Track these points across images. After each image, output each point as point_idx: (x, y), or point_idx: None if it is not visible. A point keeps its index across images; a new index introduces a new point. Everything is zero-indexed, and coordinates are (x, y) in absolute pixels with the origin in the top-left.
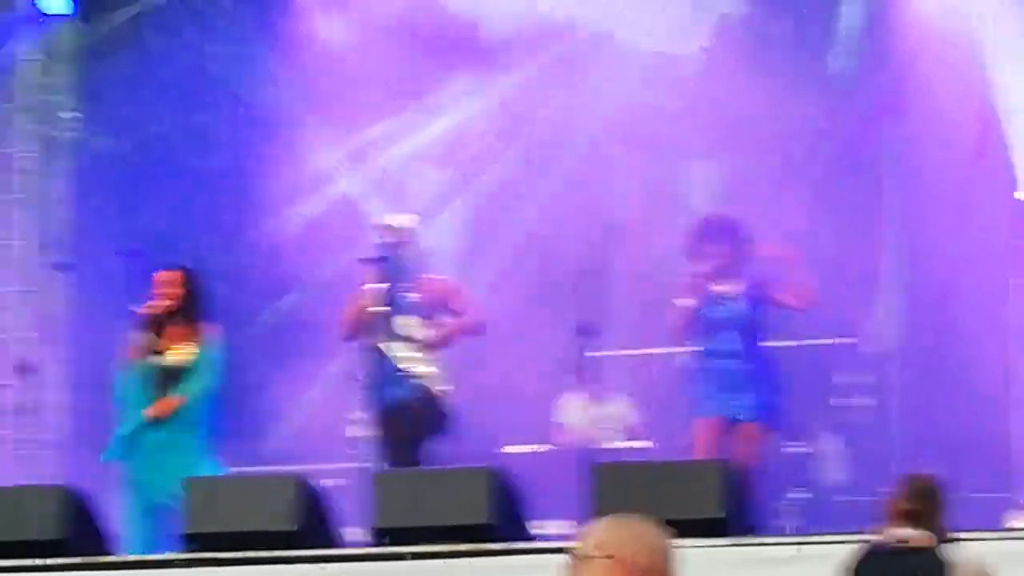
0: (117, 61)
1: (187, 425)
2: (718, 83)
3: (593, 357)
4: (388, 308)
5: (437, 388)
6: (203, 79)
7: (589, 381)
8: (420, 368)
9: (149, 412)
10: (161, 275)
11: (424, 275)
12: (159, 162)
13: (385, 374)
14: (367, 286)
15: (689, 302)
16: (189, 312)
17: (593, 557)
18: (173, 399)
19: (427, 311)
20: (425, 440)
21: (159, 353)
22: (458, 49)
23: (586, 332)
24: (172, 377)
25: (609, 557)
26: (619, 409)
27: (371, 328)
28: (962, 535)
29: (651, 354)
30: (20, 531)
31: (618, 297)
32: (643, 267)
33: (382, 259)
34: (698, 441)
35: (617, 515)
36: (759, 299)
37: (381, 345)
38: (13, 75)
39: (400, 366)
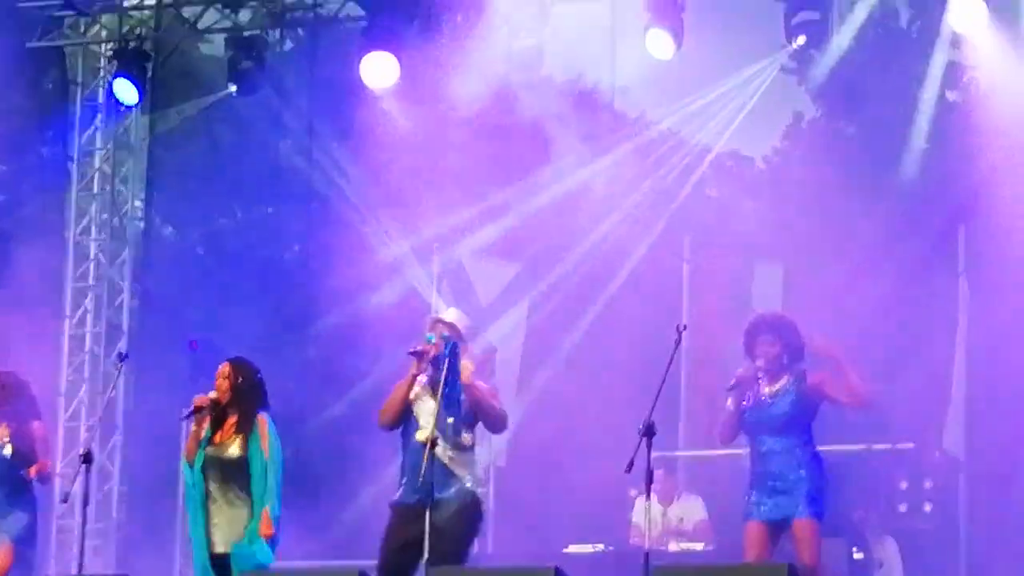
0: (186, 152)
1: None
2: (790, 182)
3: (663, 457)
4: (435, 404)
5: (479, 490)
6: (273, 172)
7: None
8: (463, 470)
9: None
10: (220, 368)
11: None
12: (227, 254)
13: (428, 471)
14: (415, 377)
15: (729, 403)
16: (242, 403)
17: None
18: (268, 520)
19: (470, 413)
20: (465, 542)
21: (214, 444)
22: (529, 145)
23: (650, 432)
24: (228, 468)
25: None
26: (686, 508)
27: (413, 421)
28: None
29: (716, 455)
30: None
31: (686, 397)
32: (711, 367)
33: (431, 354)
34: (747, 544)
35: None
36: (808, 397)
37: (422, 439)
38: (87, 163)
39: (446, 465)
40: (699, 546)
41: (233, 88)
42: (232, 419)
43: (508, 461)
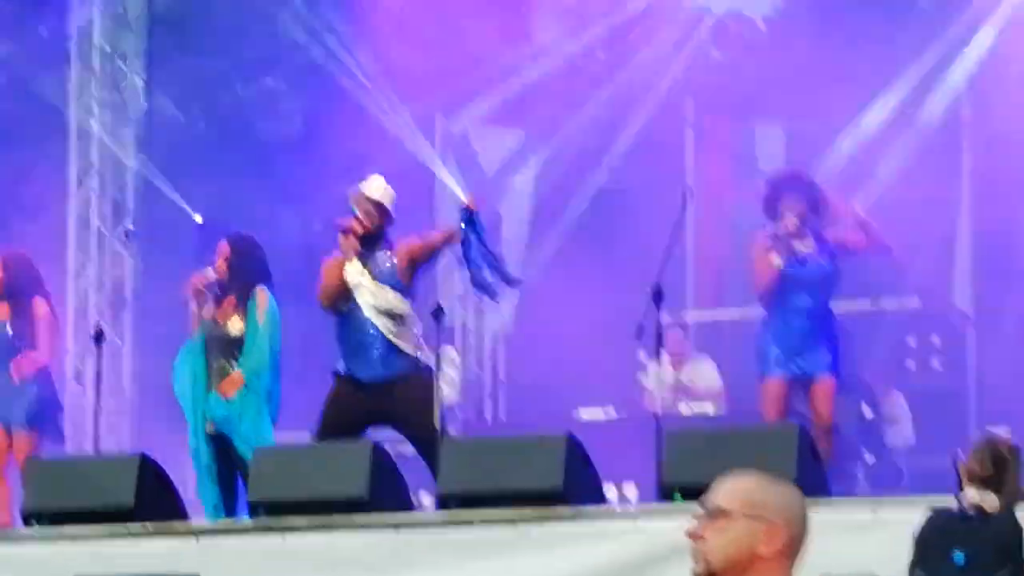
0: (185, 28)
1: (249, 397)
2: (790, 44)
3: (676, 320)
4: (368, 278)
5: (423, 362)
6: (273, 46)
7: (664, 345)
8: (403, 342)
9: (219, 389)
10: (219, 246)
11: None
12: (228, 129)
13: (367, 347)
14: (344, 254)
15: (776, 261)
16: (238, 281)
17: (747, 516)
18: (235, 379)
19: (403, 281)
20: (419, 417)
21: (215, 322)
22: (527, 11)
23: (659, 297)
24: (227, 345)
25: (764, 519)
26: (697, 372)
27: (349, 298)
28: None
29: (725, 317)
30: (97, 498)
31: (693, 261)
32: (716, 228)
33: (361, 228)
34: (767, 400)
35: (767, 477)
36: (835, 254)
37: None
38: (85, 41)
39: (392, 341)
40: (711, 408)
41: None
42: (231, 296)
43: (516, 328)
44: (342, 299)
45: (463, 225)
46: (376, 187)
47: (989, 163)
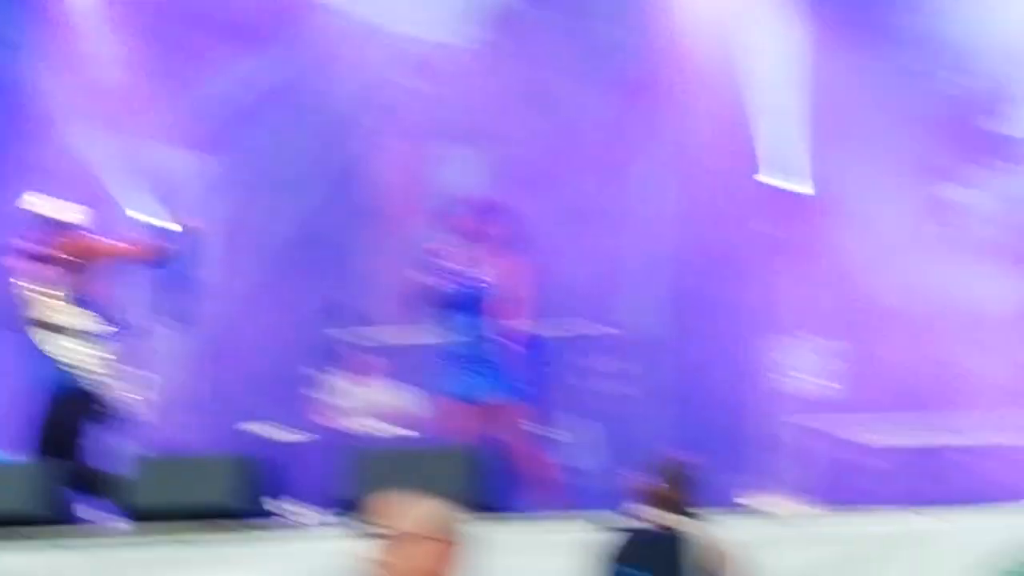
0: None
1: None
2: (485, 71)
3: (349, 339)
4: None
5: (93, 375)
6: None
7: (348, 363)
8: (74, 356)
9: None
10: None
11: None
12: None
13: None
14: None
15: (422, 278)
16: None
17: (429, 538)
18: None
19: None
20: (81, 430)
21: None
22: (210, 29)
23: (336, 313)
24: None
25: (445, 540)
26: (382, 392)
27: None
28: (710, 517)
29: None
30: None
31: (368, 278)
32: (396, 249)
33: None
34: (440, 420)
35: (440, 498)
36: (487, 280)
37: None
38: None
39: (54, 354)
40: (394, 429)
41: None
42: None
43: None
44: None
45: (169, 246)
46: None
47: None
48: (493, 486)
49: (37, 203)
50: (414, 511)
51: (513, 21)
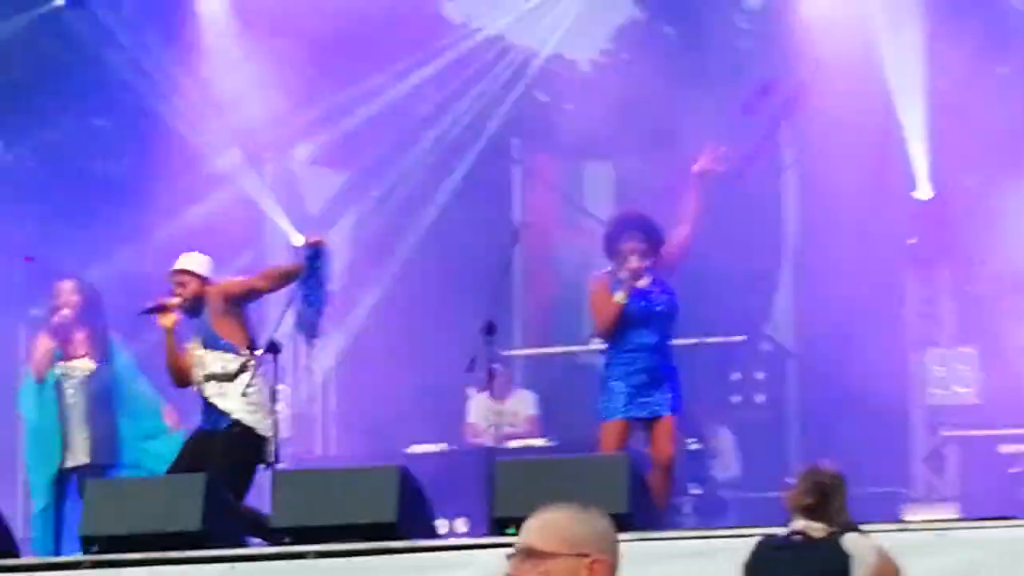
0: (11, 67)
1: None
2: (615, 86)
3: (499, 355)
4: (199, 348)
5: (250, 418)
6: (102, 85)
7: (494, 379)
8: (231, 403)
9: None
10: (58, 284)
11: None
12: (57, 167)
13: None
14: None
15: (618, 298)
16: (90, 321)
17: (565, 555)
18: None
19: (220, 331)
20: (234, 471)
21: (65, 360)
22: (357, 54)
23: (490, 331)
24: (71, 381)
25: (584, 556)
26: (520, 404)
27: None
28: (862, 527)
29: (553, 353)
30: None
31: (521, 297)
32: (544, 266)
33: (176, 304)
34: (606, 441)
35: (578, 508)
36: (673, 291)
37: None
38: None
39: (213, 403)
40: (540, 441)
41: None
42: (81, 336)
43: (347, 366)
44: (187, 378)
45: (308, 262)
46: (181, 260)
47: (810, 201)
48: (643, 498)
49: (190, 260)
50: (557, 525)
51: (642, 35)
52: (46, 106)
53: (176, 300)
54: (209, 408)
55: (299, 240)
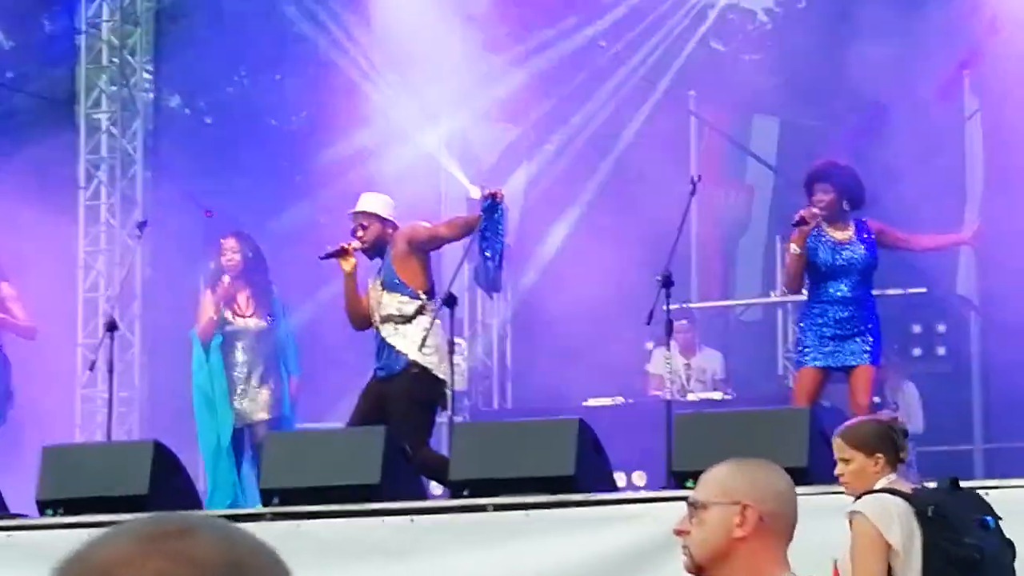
0: (191, 21)
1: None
2: (792, 35)
3: (679, 309)
4: (377, 289)
5: (426, 360)
6: (279, 39)
7: (680, 332)
8: (408, 344)
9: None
10: (223, 242)
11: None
12: (235, 122)
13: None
14: (350, 274)
15: (794, 249)
16: (253, 276)
17: (717, 503)
18: (293, 382)
19: (403, 276)
20: (421, 409)
21: (230, 317)
22: (534, 6)
23: (667, 284)
24: (251, 340)
25: (735, 503)
26: (707, 362)
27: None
28: None
29: (730, 305)
30: (112, 486)
31: (697, 251)
32: (718, 219)
33: (352, 247)
34: (799, 390)
35: (739, 460)
36: (874, 242)
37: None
38: (94, 36)
39: (391, 344)
40: (718, 395)
41: None
42: (245, 292)
43: (522, 320)
44: (365, 322)
45: (485, 214)
46: (363, 201)
47: (995, 153)
48: (824, 452)
49: (372, 201)
50: (715, 476)
51: None
52: (223, 61)
53: (356, 244)
54: (386, 349)
55: (476, 192)
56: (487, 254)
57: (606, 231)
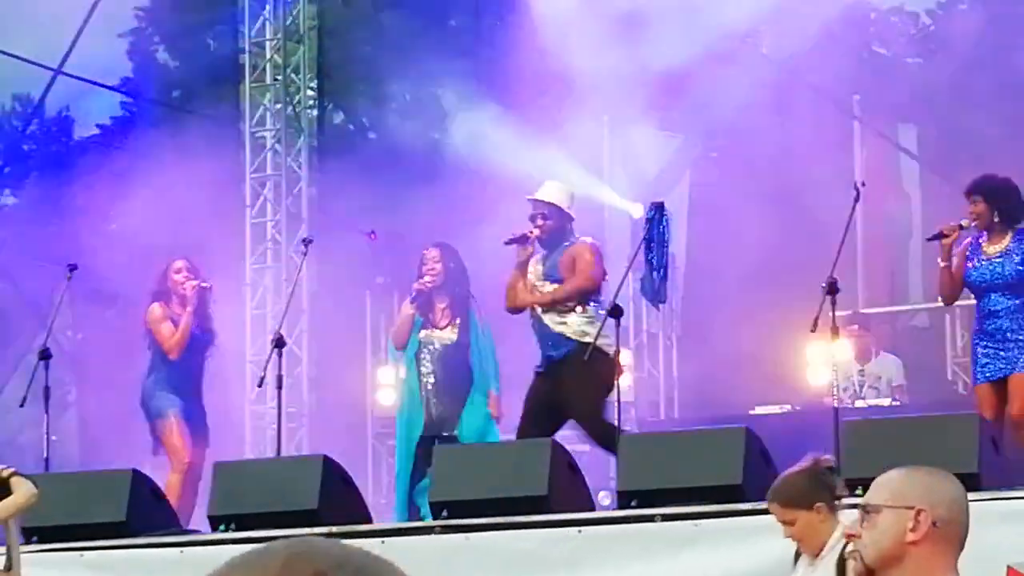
0: (354, 38)
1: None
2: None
3: (856, 314)
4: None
5: (593, 338)
6: (443, 56)
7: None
8: (573, 328)
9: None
10: (426, 252)
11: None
12: (397, 138)
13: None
14: (526, 262)
15: (941, 262)
16: (453, 289)
17: (891, 507)
18: (494, 397)
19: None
20: (584, 397)
21: (429, 328)
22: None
23: (833, 290)
24: (445, 351)
25: (909, 508)
26: (884, 369)
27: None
28: None
29: (898, 312)
30: (282, 501)
31: (863, 256)
32: (882, 225)
33: (534, 235)
34: (980, 406)
35: (913, 466)
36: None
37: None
38: (258, 54)
39: (558, 332)
40: (886, 401)
41: None
42: (443, 304)
43: (688, 328)
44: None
45: (648, 224)
46: (544, 191)
47: None
48: (995, 458)
49: (554, 192)
50: (888, 481)
51: None
52: (385, 76)
53: (536, 232)
54: (551, 337)
55: (638, 211)
56: (653, 265)
57: (771, 236)
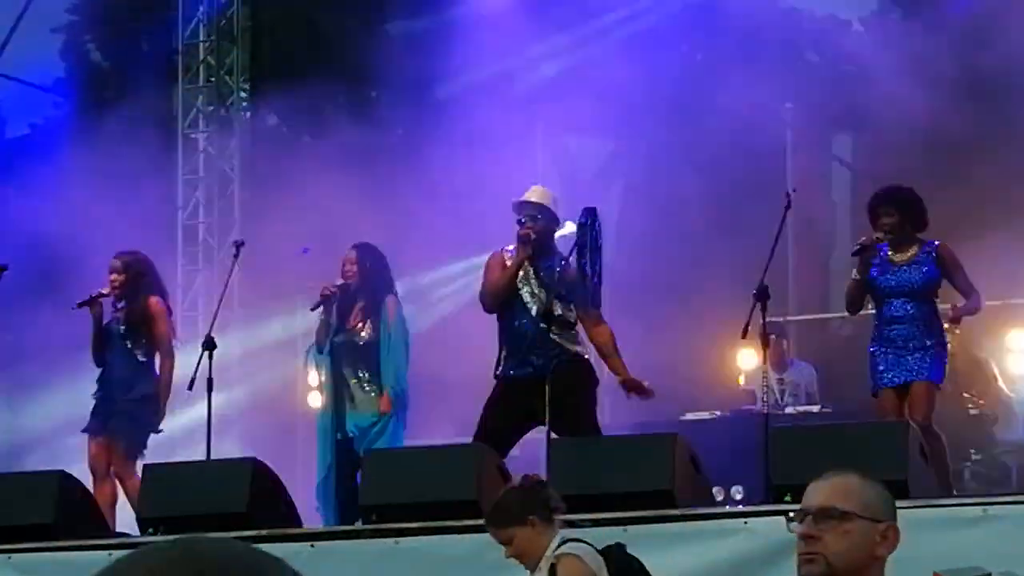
0: (288, 40)
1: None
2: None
3: (777, 323)
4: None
5: (583, 351)
6: (376, 56)
7: (768, 346)
8: (568, 342)
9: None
10: (345, 254)
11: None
12: (332, 140)
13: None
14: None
15: (854, 274)
16: (369, 287)
17: (862, 518)
18: (386, 398)
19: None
20: (574, 407)
21: (344, 330)
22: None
23: (766, 295)
24: (357, 353)
25: (879, 521)
26: (799, 376)
27: (518, 302)
28: None
29: (823, 319)
30: (211, 504)
31: (794, 262)
32: (809, 232)
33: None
34: (881, 413)
35: (859, 474)
36: (932, 268)
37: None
38: (191, 56)
39: (557, 342)
40: (815, 408)
41: None
42: (361, 303)
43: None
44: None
45: (580, 228)
46: (533, 193)
47: None
48: (923, 466)
49: (543, 193)
50: (852, 487)
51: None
52: (319, 79)
53: (531, 232)
54: (547, 346)
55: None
56: (587, 270)
57: (702, 242)
